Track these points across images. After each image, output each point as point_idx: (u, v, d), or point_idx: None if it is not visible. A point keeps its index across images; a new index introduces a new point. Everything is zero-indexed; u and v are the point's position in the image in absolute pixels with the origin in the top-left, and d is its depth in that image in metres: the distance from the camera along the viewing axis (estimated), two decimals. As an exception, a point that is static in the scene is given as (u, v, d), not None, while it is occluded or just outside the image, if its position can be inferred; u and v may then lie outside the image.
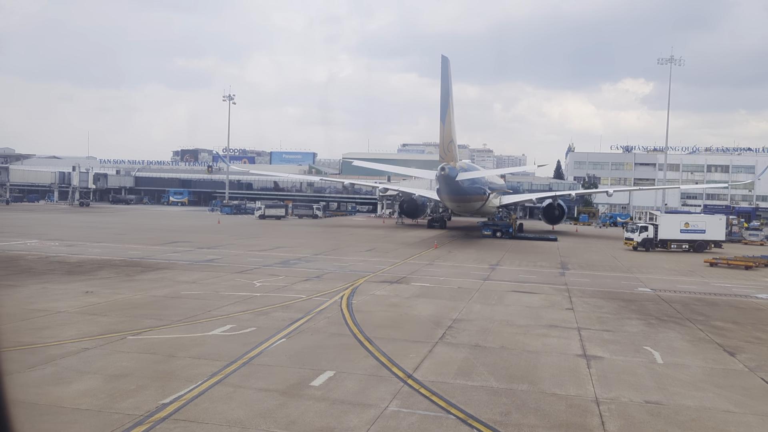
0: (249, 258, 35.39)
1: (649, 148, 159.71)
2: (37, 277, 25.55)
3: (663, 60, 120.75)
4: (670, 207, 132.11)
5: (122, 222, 68.17)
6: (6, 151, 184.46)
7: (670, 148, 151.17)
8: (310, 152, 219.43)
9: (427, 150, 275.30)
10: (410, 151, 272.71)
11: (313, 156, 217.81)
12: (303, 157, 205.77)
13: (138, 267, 29.80)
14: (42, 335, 15.66)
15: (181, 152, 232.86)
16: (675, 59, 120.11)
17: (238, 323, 17.83)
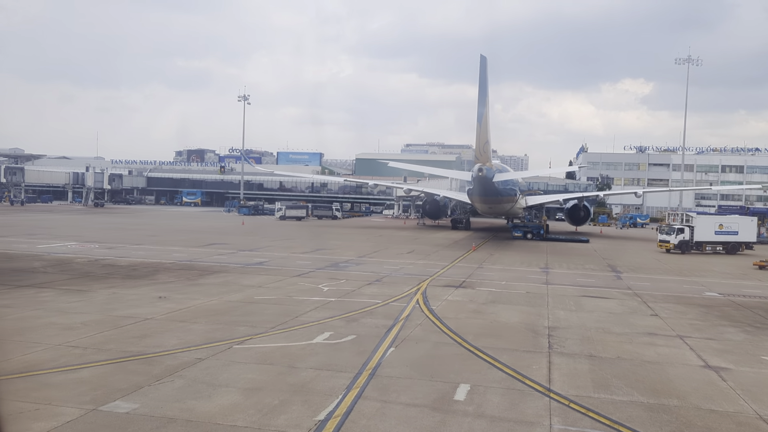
0: (297, 261, 34.87)
1: (662, 148, 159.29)
2: (100, 281, 25.03)
3: (680, 60, 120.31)
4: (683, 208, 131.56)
5: (147, 223, 67.67)
6: (16, 152, 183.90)
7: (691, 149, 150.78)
8: (317, 152, 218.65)
9: (430, 150, 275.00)
10: (413, 151, 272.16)
11: (319, 156, 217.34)
12: (310, 158, 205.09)
13: (193, 270, 29.28)
14: (146, 344, 15.14)
15: (187, 152, 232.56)
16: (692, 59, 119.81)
17: (334, 331, 17.29)
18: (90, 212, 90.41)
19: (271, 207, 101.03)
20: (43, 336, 15.59)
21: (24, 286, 23.14)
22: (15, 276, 25.59)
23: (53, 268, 28.57)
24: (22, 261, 30.54)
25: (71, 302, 20.26)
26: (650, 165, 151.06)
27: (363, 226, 74.69)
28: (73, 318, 17.81)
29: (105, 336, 15.83)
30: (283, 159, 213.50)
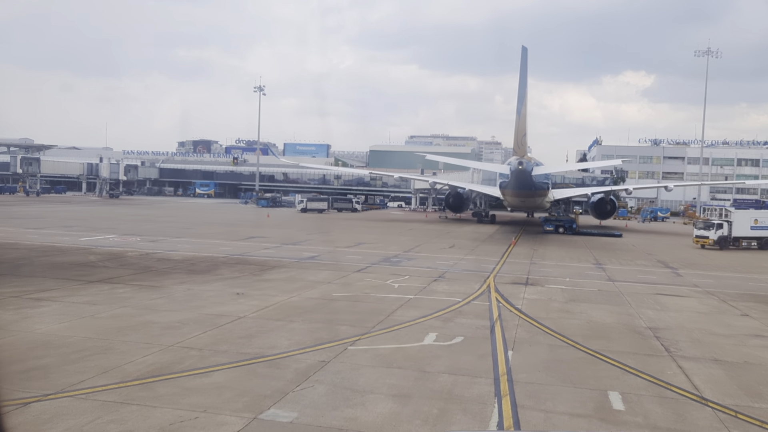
0: (346, 255, 34.31)
1: (675, 141, 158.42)
2: (167, 276, 24.50)
3: (700, 52, 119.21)
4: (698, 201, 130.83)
5: (172, 215, 67.13)
6: (26, 142, 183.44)
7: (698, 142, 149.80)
8: (324, 144, 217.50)
9: (434, 142, 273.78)
10: (417, 142, 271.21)
11: (326, 148, 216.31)
12: (317, 149, 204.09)
13: (251, 265, 28.73)
14: (258, 345, 14.60)
15: (192, 143, 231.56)
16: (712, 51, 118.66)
17: (437, 332, 16.75)
18: (108, 203, 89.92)
19: (290, 199, 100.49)
20: (148, 336, 15.06)
21: (94, 281, 22.62)
22: (78, 270, 25.06)
23: (111, 262, 28.04)
24: (75, 254, 30.00)
25: (153, 299, 19.72)
26: (665, 158, 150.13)
27: (387, 219, 74.11)
28: (166, 316, 17.28)
29: (211, 336, 15.29)
30: (290, 150, 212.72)
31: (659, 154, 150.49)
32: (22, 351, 13.36)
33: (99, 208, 75.36)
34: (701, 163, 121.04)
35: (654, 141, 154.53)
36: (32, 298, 19.07)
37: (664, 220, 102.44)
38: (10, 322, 15.90)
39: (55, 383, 11.35)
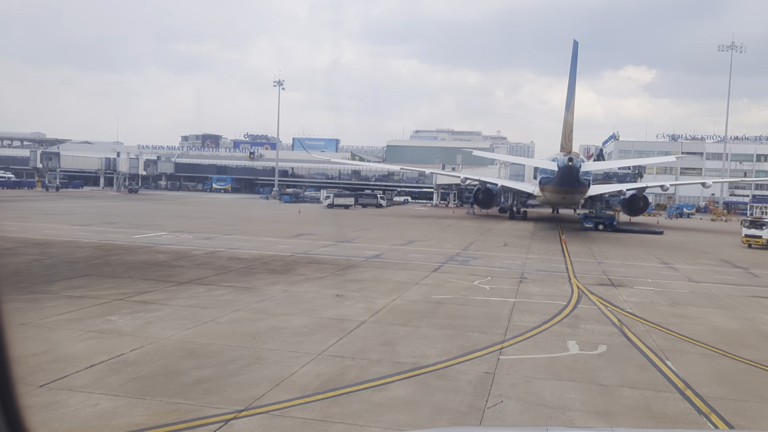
0: (409, 254, 33.54)
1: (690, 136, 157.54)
2: (252, 277, 23.76)
3: (723, 47, 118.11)
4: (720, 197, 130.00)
5: (204, 211, 66.50)
6: (38, 136, 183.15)
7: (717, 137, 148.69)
8: (333, 139, 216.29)
9: (439, 137, 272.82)
10: (422, 137, 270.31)
11: (336, 142, 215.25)
12: (326, 144, 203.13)
13: (325, 264, 27.98)
14: (405, 354, 13.87)
15: (201, 137, 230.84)
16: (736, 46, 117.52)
17: (575, 339, 16.01)
18: (131, 198, 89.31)
19: (312, 195, 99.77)
20: (287, 343, 14.35)
21: (184, 282, 21.90)
22: (160, 270, 24.36)
23: (183, 261, 27.33)
24: (143, 253, 29.30)
25: (258, 302, 19.00)
26: (683, 153, 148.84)
27: (417, 216, 73.37)
28: (287, 321, 16.56)
29: (351, 344, 14.57)
30: (298, 145, 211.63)
31: (677, 149, 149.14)
32: (173, 361, 12.65)
33: (126, 204, 74.73)
34: (724, 159, 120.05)
35: (672, 136, 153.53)
36: (136, 301, 18.36)
37: (690, 216, 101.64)
38: (137, 328, 15.19)
39: (235, 397, 10.64)
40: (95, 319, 15.88)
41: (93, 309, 17.00)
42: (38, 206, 63.01)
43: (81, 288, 19.93)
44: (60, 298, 18.16)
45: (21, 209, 57.02)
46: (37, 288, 19.72)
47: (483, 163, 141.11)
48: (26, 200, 73.23)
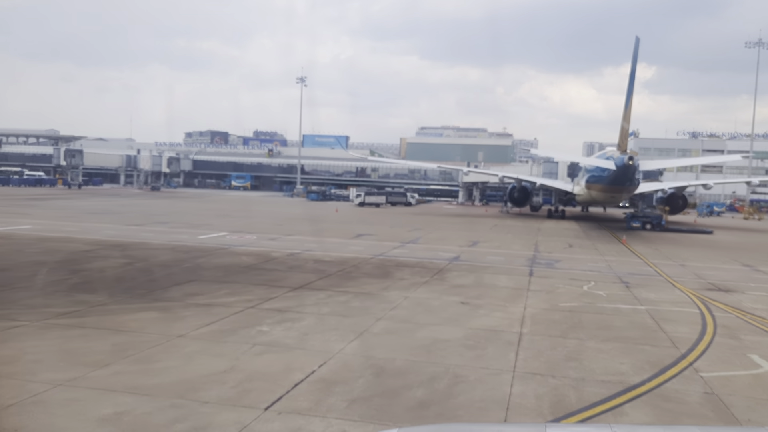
0: (486, 257, 32.50)
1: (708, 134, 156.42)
2: (359, 281, 22.81)
3: (751, 44, 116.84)
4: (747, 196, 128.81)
5: (240, 209, 65.76)
6: (53, 133, 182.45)
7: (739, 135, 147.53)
8: (343, 135, 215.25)
9: (445, 133, 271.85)
10: (428, 134, 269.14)
11: (346, 139, 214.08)
12: (336, 140, 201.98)
13: (415, 268, 27.01)
14: (597, 369, 12.99)
15: (210, 134, 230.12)
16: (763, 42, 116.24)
17: (758, 353, 15.11)
18: (158, 196, 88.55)
19: (340, 193, 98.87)
20: (467, 359, 13.41)
21: (296, 287, 20.96)
22: (260, 275, 23.44)
23: (272, 264, 26.43)
24: (225, 256, 28.38)
25: (391, 310, 18.04)
26: (704, 151, 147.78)
27: (454, 214, 72.46)
28: (441, 332, 15.60)
29: (532, 359, 13.63)
30: (309, 142, 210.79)
31: (698, 147, 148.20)
32: (372, 379, 11.74)
33: (158, 202, 73.90)
34: (751, 157, 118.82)
35: (692, 134, 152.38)
36: (270, 309, 17.47)
37: (720, 214, 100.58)
38: (298, 340, 14.27)
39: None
40: (248, 329, 14.99)
41: (233, 318, 16.11)
42: (74, 204, 62.24)
43: (199, 295, 19.05)
44: (190, 307, 17.28)
45: (62, 208, 56.23)
46: (157, 295, 18.84)
47: (505, 161, 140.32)
48: (57, 198, 72.48)
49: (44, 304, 16.81)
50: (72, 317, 15.52)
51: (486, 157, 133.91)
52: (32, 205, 58.03)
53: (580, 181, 69.98)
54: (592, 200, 64.83)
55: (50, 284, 19.83)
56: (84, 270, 22.73)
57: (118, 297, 18.23)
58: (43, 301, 17.23)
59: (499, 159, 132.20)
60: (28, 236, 32.29)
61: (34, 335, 13.75)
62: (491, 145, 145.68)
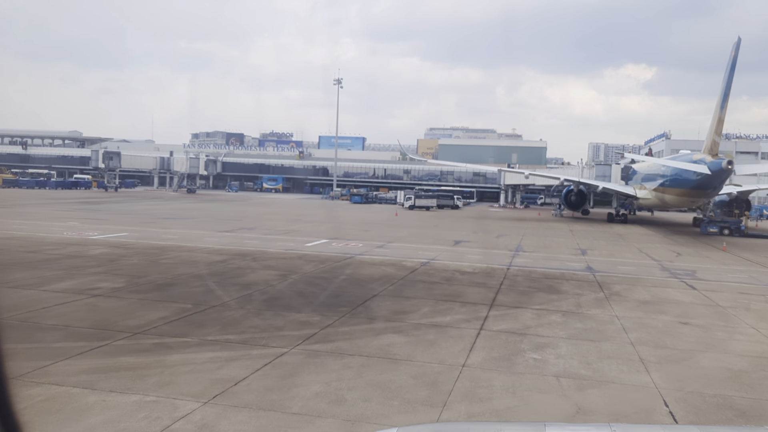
0: (617, 266, 31.13)
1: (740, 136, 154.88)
2: (534, 297, 21.51)
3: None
4: None
5: (294, 212, 64.45)
6: (74, 134, 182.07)
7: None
8: (360, 137, 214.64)
9: (454, 134, 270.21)
10: (437, 135, 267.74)
11: (362, 140, 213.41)
12: (352, 142, 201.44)
13: (569, 281, 25.75)
14: None
15: (226, 135, 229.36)
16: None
17: None
18: (201, 199, 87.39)
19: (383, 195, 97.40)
20: None
21: (488, 304, 19.66)
22: (426, 289, 22.14)
23: (420, 275, 25.10)
24: (365, 267, 27.00)
25: (632, 333, 16.72)
26: (737, 153, 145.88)
27: (512, 218, 71.00)
28: (723, 361, 14.33)
29: None
30: (324, 143, 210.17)
31: (731, 149, 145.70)
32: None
33: (211, 205, 72.76)
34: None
35: (725, 135, 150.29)
36: (505, 332, 16.11)
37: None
38: (607, 371, 12.97)
39: None
40: (518, 356, 13.65)
41: (487, 343, 14.74)
42: (134, 209, 61.17)
43: (408, 313, 17.68)
44: (420, 327, 15.93)
45: (128, 213, 55.12)
46: (363, 312, 17.51)
47: (540, 163, 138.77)
48: (107, 201, 71.30)
49: (270, 326, 15.52)
50: (319, 342, 14.22)
51: (520, 159, 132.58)
52: (94, 210, 56.84)
53: (644, 185, 68.63)
54: (662, 204, 63.36)
55: (240, 301, 18.54)
56: (253, 284, 21.43)
57: (328, 315, 16.93)
58: (262, 322, 15.95)
59: (533, 161, 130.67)
60: (143, 245, 31.03)
61: (314, 366, 12.43)
62: (525, 147, 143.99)
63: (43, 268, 22.59)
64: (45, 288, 19.05)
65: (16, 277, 20.54)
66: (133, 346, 13.20)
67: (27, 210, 52.84)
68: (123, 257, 26.42)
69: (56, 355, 12.35)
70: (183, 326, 15.15)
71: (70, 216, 47.81)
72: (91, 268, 23.02)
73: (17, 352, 12.43)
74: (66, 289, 19.08)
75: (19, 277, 20.57)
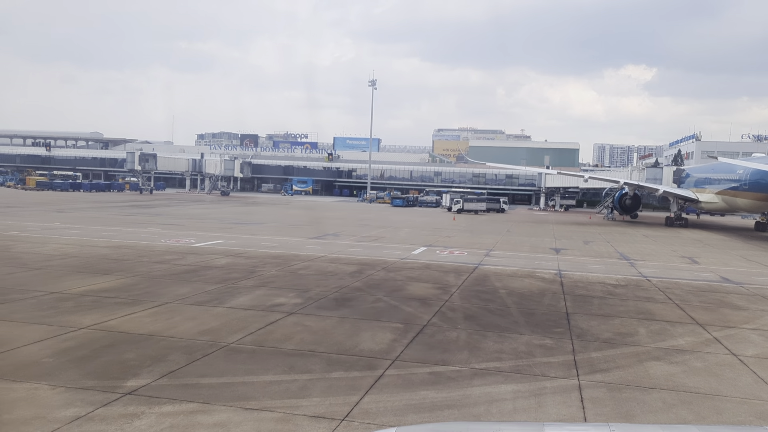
0: (752, 277, 29.88)
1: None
2: (727, 314, 20.18)
3: None
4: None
5: (360, 217, 63.17)
6: (96, 136, 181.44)
7: None
8: (375, 138, 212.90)
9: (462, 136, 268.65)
10: (446, 136, 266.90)
11: (378, 142, 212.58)
12: (367, 143, 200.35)
13: (740, 295, 24.39)
14: None
15: (240, 137, 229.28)
16: None
17: None
18: (241, 202, 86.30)
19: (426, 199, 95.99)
20: None
21: (695, 323, 18.32)
22: (610, 306, 20.80)
23: (580, 289, 23.79)
24: (515, 279, 25.73)
25: None
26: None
27: (565, 222, 69.61)
28: None
29: None
30: (340, 145, 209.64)
31: (763, 150, 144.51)
32: None
33: (256, 209, 71.56)
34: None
35: (756, 137, 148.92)
36: (761, 356, 14.77)
37: None
38: None
39: None
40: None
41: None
42: (184, 212, 60.05)
43: (654, 337, 16.38)
44: (716, 354, 14.63)
45: (189, 216, 53.92)
46: (621, 340, 16.16)
47: (572, 165, 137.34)
48: (154, 205, 70.14)
49: (514, 351, 14.15)
50: (597, 371, 12.85)
51: (552, 161, 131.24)
52: (154, 214, 55.66)
53: (705, 188, 67.32)
54: (730, 209, 61.99)
55: (441, 318, 17.19)
56: (425, 298, 20.06)
57: (553, 336, 15.57)
58: (500, 345, 14.58)
59: (565, 163, 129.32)
60: (260, 254, 29.67)
61: (635, 402, 11.09)
62: (558, 150, 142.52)
63: (194, 281, 21.30)
64: (228, 305, 17.74)
65: (181, 292, 19.26)
66: (416, 377, 11.89)
67: (89, 215, 51.67)
68: (256, 267, 25.13)
69: (352, 388, 11.05)
70: (424, 350, 13.83)
71: (137, 221, 46.64)
72: (241, 281, 21.73)
73: (304, 385, 11.13)
74: (250, 305, 17.78)
75: (183, 292, 19.28)
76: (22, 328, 14.42)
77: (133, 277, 21.77)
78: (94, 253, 27.61)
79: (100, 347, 13.06)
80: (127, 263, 25.02)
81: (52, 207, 59.00)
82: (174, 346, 13.28)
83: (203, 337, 14.05)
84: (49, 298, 17.81)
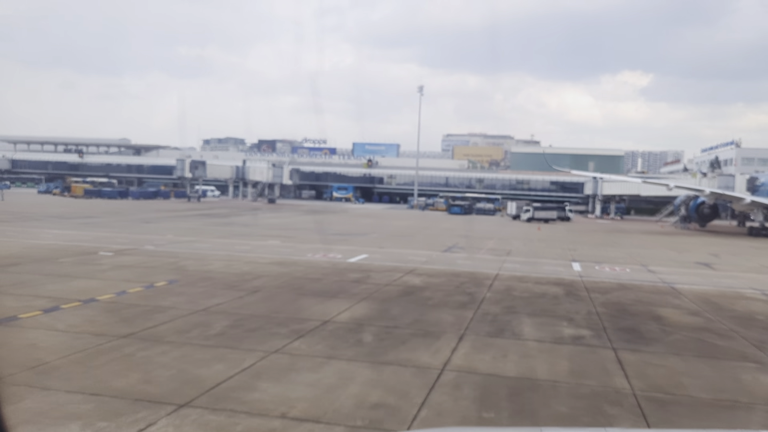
0: None
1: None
2: None
3: None
4: None
5: (418, 226, 61.41)
6: (124, 142, 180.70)
7: None
8: (394, 143, 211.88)
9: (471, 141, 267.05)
10: (454, 141, 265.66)
11: (397, 147, 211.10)
12: (387, 149, 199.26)
13: None
14: None
15: (258, 143, 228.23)
16: None
17: None
18: (295, 210, 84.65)
19: (484, 206, 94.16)
20: None
21: None
22: None
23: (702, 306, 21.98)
24: (739, 302, 23.97)
25: None
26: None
27: (641, 232, 67.69)
28: None
29: None
30: (359, 150, 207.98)
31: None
32: None
33: (323, 218, 69.78)
34: None
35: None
36: None
37: None
38: None
39: None
40: None
41: None
42: (264, 222, 58.47)
43: None
44: None
45: (273, 227, 52.29)
46: None
47: (618, 172, 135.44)
48: (221, 215, 68.51)
49: None
50: None
51: (597, 168, 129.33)
52: (239, 225, 54.07)
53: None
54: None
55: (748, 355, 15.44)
56: (690, 328, 18.32)
57: None
58: None
59: (610, 170, 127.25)
60: (428, 270, 28.01)
61: None
62: (602, 156, 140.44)
63: (422, 306, 19.53)
64: (508, 338, 15.99)
65: (438, 319, 17.53)
66: None
67: (180, 225, 50.07)
68: (460, 286, 23.39)
69: None
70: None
71: (243, 233, 45.03)
72: (466, 307, 19.94)
73: None
74: (538, 337, 16.01)
75: (443, 319, 17.55)
76: (382, 370, 12.55)
77: (369, 300, 19.94)
78: (276, 271, 25.63)
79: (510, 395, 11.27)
80: (331, 283, 23.26)
81: (130, 217, 56.95)
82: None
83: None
84: (338, 328, 15.84)
